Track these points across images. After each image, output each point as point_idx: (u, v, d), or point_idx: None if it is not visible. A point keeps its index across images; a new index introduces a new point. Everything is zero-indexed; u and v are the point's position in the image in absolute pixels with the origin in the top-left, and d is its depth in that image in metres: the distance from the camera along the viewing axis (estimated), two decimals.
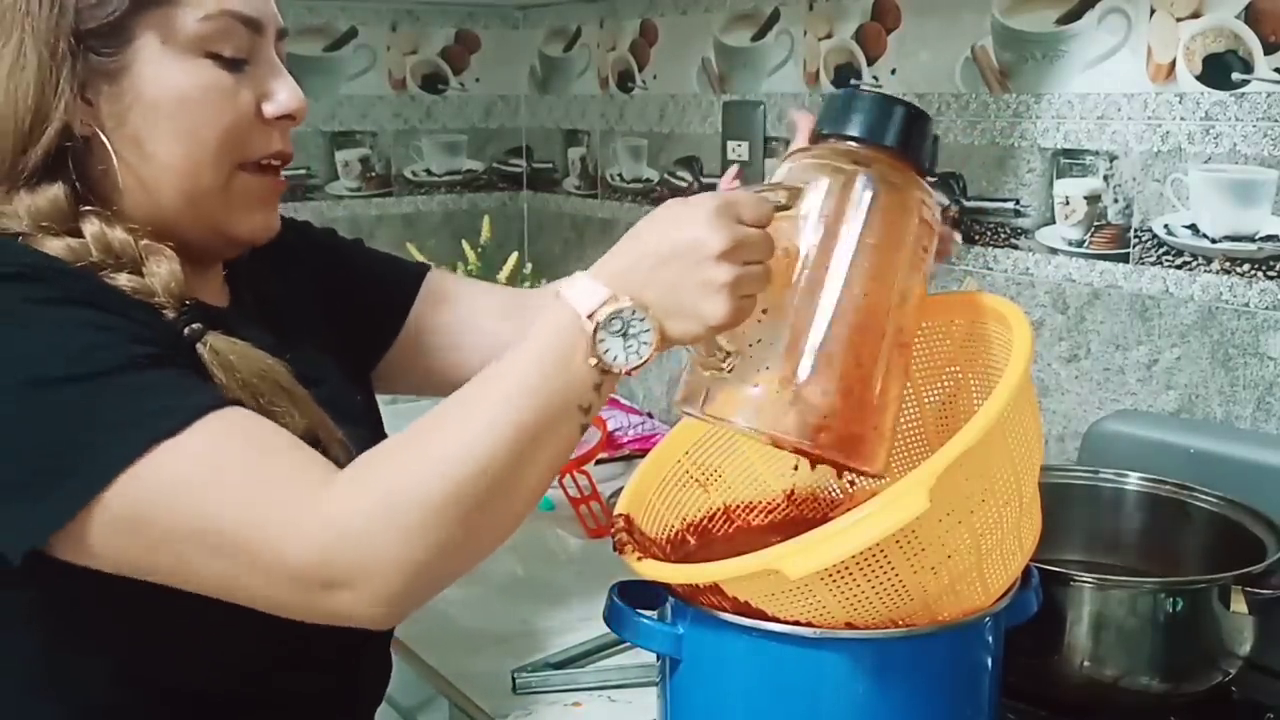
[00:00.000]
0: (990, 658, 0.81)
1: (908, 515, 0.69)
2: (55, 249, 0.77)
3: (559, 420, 0.72)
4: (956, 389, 0.92)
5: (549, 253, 2.28)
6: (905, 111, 0.80)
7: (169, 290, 0.79)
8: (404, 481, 0.69)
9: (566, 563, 1.41)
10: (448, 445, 0.70)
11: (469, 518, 0.70)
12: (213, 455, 0.70)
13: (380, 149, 2.17)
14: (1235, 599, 0.94)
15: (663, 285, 0.71)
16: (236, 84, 0.82)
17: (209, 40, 0.80)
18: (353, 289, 1.06)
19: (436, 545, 0.69)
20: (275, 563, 0.69)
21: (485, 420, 0.70)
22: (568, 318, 0.72)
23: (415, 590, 0.71)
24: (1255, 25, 1.19)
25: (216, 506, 0.70)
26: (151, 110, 0.80)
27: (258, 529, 0.69)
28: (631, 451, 1.75)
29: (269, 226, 0.88)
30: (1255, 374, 1.23)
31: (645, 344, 0.71)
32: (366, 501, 0.69)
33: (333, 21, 2.08)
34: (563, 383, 0.71)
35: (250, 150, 0.84)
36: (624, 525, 0.87)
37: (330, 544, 0.69)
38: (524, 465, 0.71)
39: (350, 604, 0.70)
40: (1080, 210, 1.37)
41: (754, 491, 0.98)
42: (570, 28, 2.15)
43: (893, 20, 1.55)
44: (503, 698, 1.07)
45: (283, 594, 0.71)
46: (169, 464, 0.69)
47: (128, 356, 0.71)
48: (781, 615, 0.75)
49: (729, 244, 0.71)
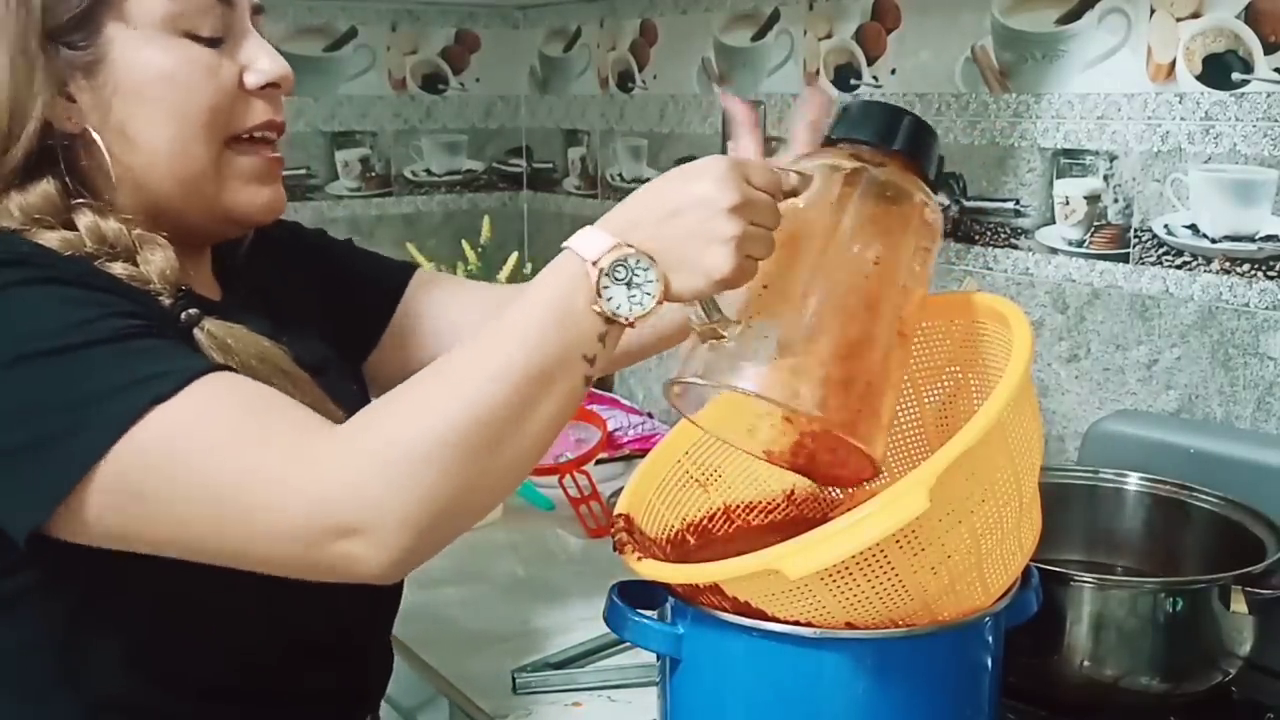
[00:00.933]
0: (990, 658, 0.81)
1: (908, 515, 0.69)
2: (50, 241, 0.77)
3: (563, 368, 0.71)
4: (956, 389, 0.92)
5: (549, 253, 2.25)
6: (912, 120, 0.82)
7: (164, 278, 0.79)
8: (406, 427, 0.69)
9: (566, 563, 1.41)
10: (450, 392, 0.69)
11: (473, 464, 0.69)
12: (208, 414, 0.70)
13: (380, 149, 2.17)
14: (1235, 599, 0.94)
15: (669, 237, 0.72)
16: (215, 57, 0.82)
17: (181, 19, 0.80)
18: (342, 286, 1.06)
19: (440, 490, 0.68)
20: (276, 515, 0.68)
21: (488, 367, 0.70)
22: (572, 264, 0.72)
23: (423, 536, 0.69)
24: (1255, 25, 1.19)
25: (215, 463, 0.69)
26: (133, 96, 0.80)
27: (255, 481, 0.68)
28: (631, 451, 1.75)
29: (272, 202, 0.87)
30: (1255, 374, 1.23)
31: (649, 294, 0.71)
32: (368, 447, 0.68)
33: (333, 21, 2.08)
34: (566, 330, 0.71)
35: (237, 123, 0.84)
36: (624, 525, 0.87)
37: (331, 491, 0.68)
38: (528, 412, 0.70)
39: (358, 553, 0.68)
40: (1080, 210, 1.37)
41: (754, 491, 0.98)
42: (570, 28, 2.15)
43: (893, 20, 1.55)
44: (503, 698, 1.07)
45: (286, 548, 0.69)
46: (164, 425, 0.69)
47: (118, 327, 0.72)
48: (781, 615, 0.75)
49: (737, 200, 0.71)
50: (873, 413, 0.77)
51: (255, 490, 0.68)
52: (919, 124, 0.83)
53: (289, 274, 1.00)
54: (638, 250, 0.71)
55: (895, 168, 0.81)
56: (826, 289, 0.76)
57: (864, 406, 0.76)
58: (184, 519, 0.70)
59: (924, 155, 0.83)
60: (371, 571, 0.69)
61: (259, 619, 0.83)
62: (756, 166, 0.74)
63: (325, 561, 0.69)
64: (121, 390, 0.69)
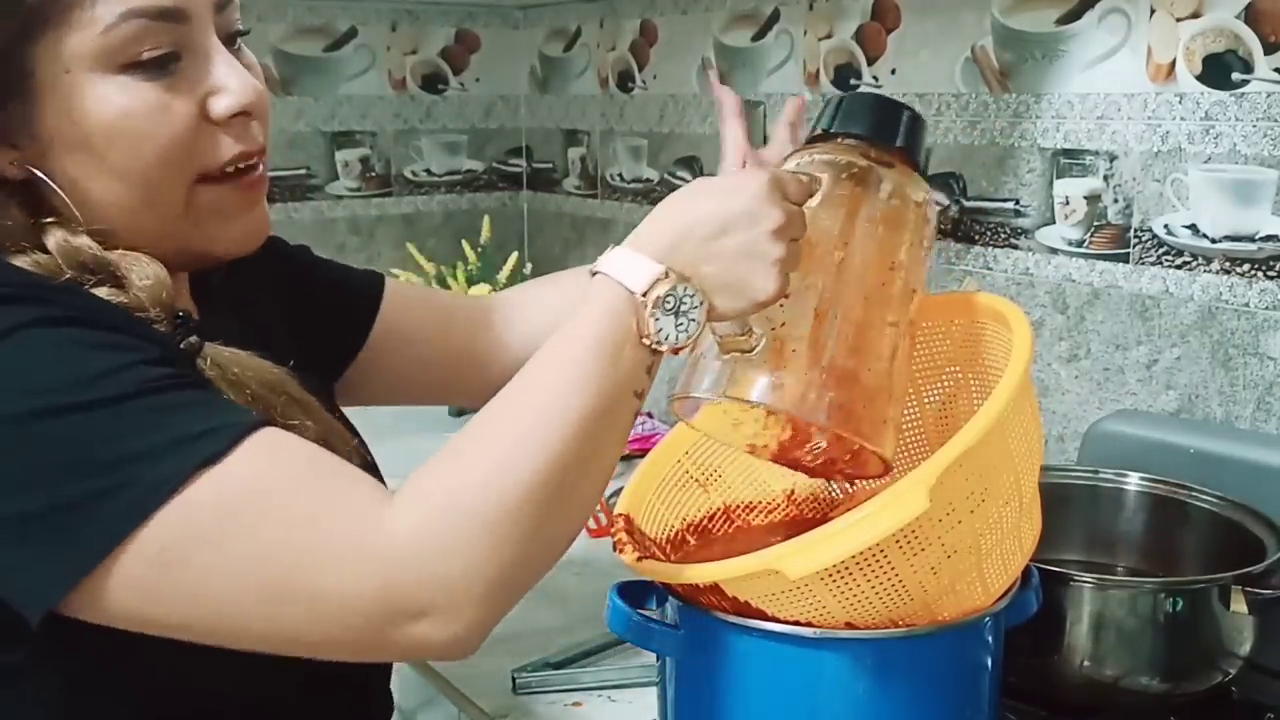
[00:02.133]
0: (990, 658, 0.81)
1: (908, 515, 0.69)
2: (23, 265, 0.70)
3: (616, 408, 0.68)
4: (956, 389, 0.92)
5: (549, 253, 2.28)
6: (909, 114, 0.82)
7: (157, 300, 0.72)
8: (468, 491, 0.64)
9: (566, 563, 1.40)
10: (508, 448, 0.65)
11: (538, 520, 0.65)
12: (264, 478, 0.63)
13: (380, 149, 2.17)
14: (1235, 599, 0.94)
15: (717, 259, 0.69)
16: (167, 92, 0.71)
17: (118, 52, 0.69)
18: (314, 301, 1.00)
19: (509, 554, 0.64)
20: (340, 600, 0.62)
21: (545, 418, 0.66)
22: (620, 299, 0.68)
23: (494, 606, 0.65)
24: (1255, 25, 1.19)
25: (269, 538, 0.62)
26: (78, 148, 0.70)
27: (320, 558, 0.62)
28: (631, 451, 1.75)
29: (252, 232, 0.79)
30: (1255, 374, 1.23)
31: (695, 321, 0.69)
32: (431, 518, 0.63)
33: (333, 21, 2.08)
34: (618, 369, 0.68)
35: (203, 161, 0.74)
36: (624, 525, 0.87)
37: (399, 570, 0.62)
38: (588, 459, 0.67)
39: (428, 632, 0.63)
40: (1080, 210, 1.37)
41: (754, 491, 0.98)
42: (570, 28, 2.15)
43: (893, 20, 1.55)
44: (503, 698, 1.07)
45: (350, 634, 0.64)
46: (216, 490, 0.62)
47: (151, 377, 0.65)
48: (781, 615, 0.75)
49: (783, 220, 0.70)
50: (885, 416, 0.77)
51: (318, 566, 0.62)
52: (915, 118, 0.82)
53: (260, 289, 0.94)
54: (684, 277, 0.68)
55: (898, 165, 0.81)
56: (844, 297, 0.76)
57: (882, 414, 0.77)
58: (231, 598, 0.63)
59: (919, 149, 0.83)
60: (443, 649, 0.65)
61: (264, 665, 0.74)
62: (789, 178, 0.73)
63: (393, 643, 0.64)
64: (167, 449, 0.62)
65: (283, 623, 0.64)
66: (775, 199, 0.70)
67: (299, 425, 0.73)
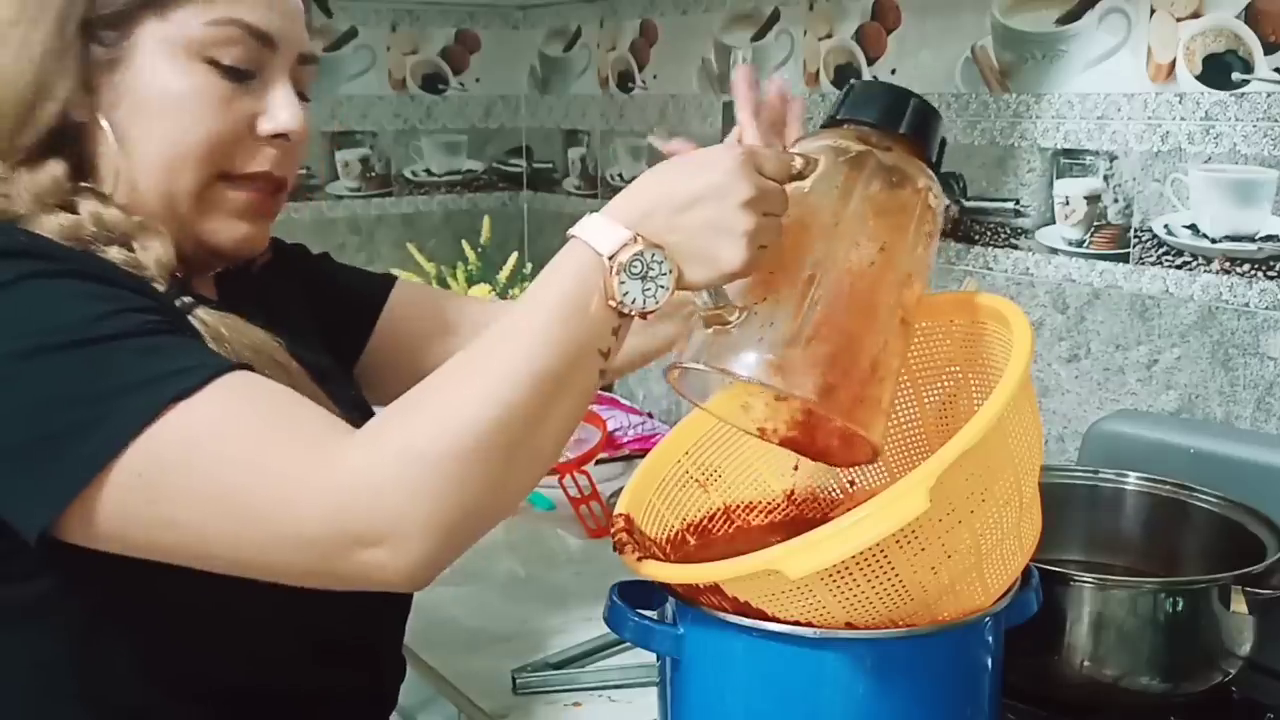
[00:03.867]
0: (990, 658, 0.81)
1: (908, 515, 0.69)
2: (50, 225, 0.76)
3: (578, 365, 0.70)
4: (956, 389, 0.92)
5: (549, 253, 2.25)
6: (918, 103, 0.82)
7: (160, 264, 0.78)
8: (425, 432, 0.67)
9: (566, 563, 1.41)
10: (468, 394, 0.68)
11: (494, 466, 0.68)
12: (230, 413, 0.69)
13: (380, 149, 2.17)
14: (1235, 599, 0.94)
15: (685, 229, 0.71)
16: (233, 94, 0.81)
17: (210, 46, 0.80)
18: (328, 298, 1.06)
19: (462, 494, 0.67)
20: (294, 521, 0.67)
21: (504, 368, 0.68)
22: (587, 259, 0.71)
23: (442, 544, 0.68)
24: (1255, 25, 1.19)
25: (234, 464, 0.67)
26: (140, 107, 0.80)
27: (274, 486, 0.67)
28: (631, 451, 1.75)
29: (250, 240, 0.86)
30: (1255, 374, 1.23)
31: (663, 287, 0.71)
32: (387, 453, 0.67)
33: (333, 21, 2.08)
34: (581, 327, 0.70)
35: (234, 163, 0.83)
36: (624, 525, 0.87)
37: (352, 499, 0.66)
38: (545, 412, 0.69)
39: (380, 561, 0.67)
40: (1080, 210, 1.37)
41: (754, 491, 0.98)
42: (570, 28, 2.15)
43: (893, 20, 1.55)
44: (503, 698, 1.07)
45: (305, 556, 0.68)
46: (185, 422, 0.67)
47: (139, 322, 0.71)
48: (781, 615, 0.75)
49: (752, 193, 0.71)
50: (873, 399, 0.77)
51: (274, 495, 0.67)
52: (924, 106, 0.82)
53: (285, 286, 1.00)
54: (655, 245, 0.70)
55: (900, 151, 0.81)
56: (830, 276, 0.76)
57: (865, 393, 0.76)
58: (199, 523, 0.68)
59: (928, 138, 0.83)
60: (394, 579, 0.68)
61: (278, 623, 0.82)
62: (767, 154, 0.74)
63: (346, 570, 0.68)
64: (144, 385, 0.68)
65: (244, 548, 0.68)
66: (747, 173, 0.72)
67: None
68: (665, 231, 0.71)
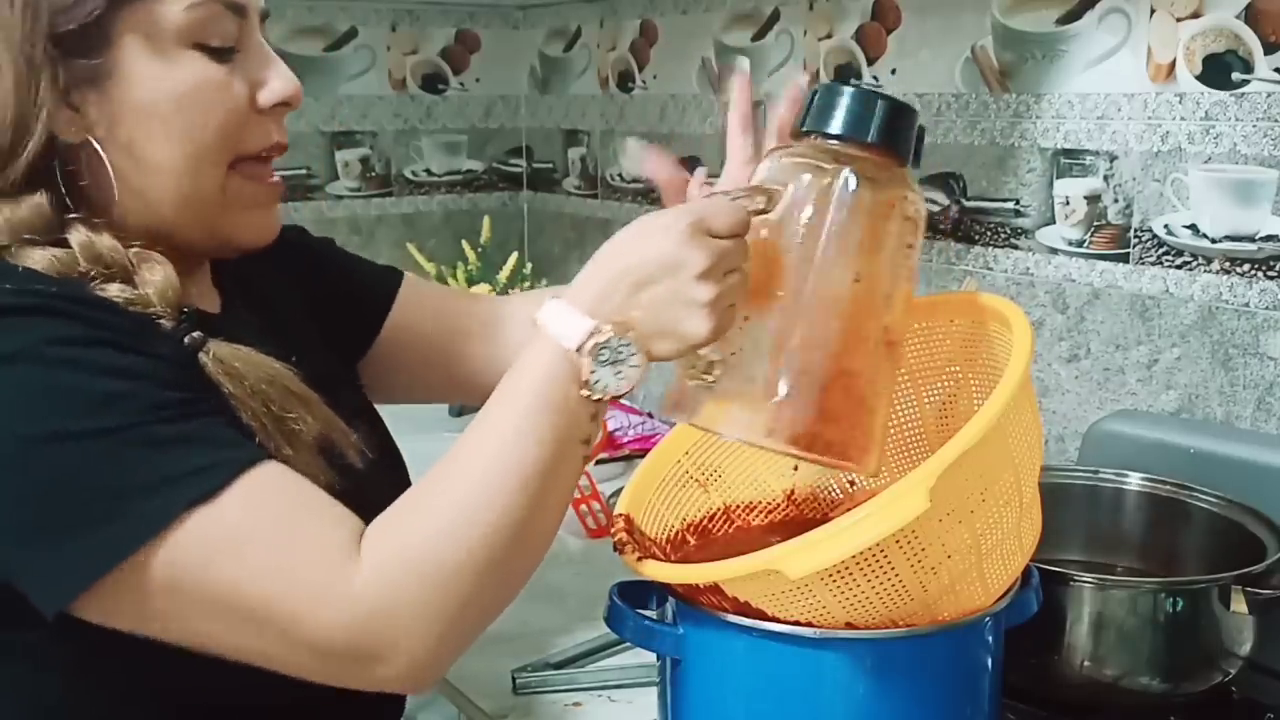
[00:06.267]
0: (990, 658, 0.81)
1: (908, 515, 0.69)
2: (38, 260, 0.73)
3: (562, 458, 0.72)
4: (956, 389, 0.92)
5: (549, 253, 2.28)
6: (886, 105, 0.76)
7: (165, 299, 0.76)
8: (416, 549, 0.69)
9: (566, 563, 1.41)
10: (456, 508, 0.70)
11: (488, 575, 0.70)
12: (248, 520, 0.69)
13: (380, 149, 2.17)
14: (1235, 599, 0.94)
15: (644, 305, 0.71)
16: (228, 75, 0.78)
17: (195, 31, 0.76)
18: (334, 289, 1.04)
19: (460, 608, 0.70)
20: (304, 638, 0.69)
21: (490, 476, 0.70)
22: (554, 355, 0.71)
23: (445, 654, 0.71)
24: (1255, 25, 1.19)
25: (250, 575, 0.68)
26: (145, 113, 0.76)
27: (288, 603, 0.68)
28: (631, 451, 1.75)
29: (269, 229, 0.86)
30: (1255, 374, 1.23)
31: (634, 367, 0.71)
32: (385, 573, 0.69)
33: (333, 21, 2.08)
34: (560, 421, 0.71)
35: (248, 144, 0.80)
36: (624, 525, 0.87)
37: (357, 621, 0.69)
38: (535, 510, 0.71)
39: (384, 676, 0.70)
40: (1080, 210, 1.37)
41: (754, 491, 0.98)
42: (570, 28, 2.15)
43: (893, 20, 1.55)
44: (503, 698, 1.07)
45: (315, 667, 0.71)
46: (204, 528, 0.67)
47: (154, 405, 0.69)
48: (781, 615, 0.75)
49: (706, 262, 0.70)
50: (864, 433, 0.77)
51: (284, 610, 0.68)
52: (893, 105, 0.76)
53: (282, 277, 0.98)
54: (618, 329, 0.70)
55: (873, 160, 0.76)
56: (806, 319, 0.74)
57: (853, 433, 0.76)
58: (209, 625, 0.70)
59: (901, 141, 0.76)
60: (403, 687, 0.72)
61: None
62: (720, 212, 0.72)
63: (354, 679, 0.71)
64: (163, 485, 0.67)
65: (257, 652, 0.70)
66: (698, 241, 0.70)
67: (295, 419, 0.78)
68: (626, 310, 0.71)
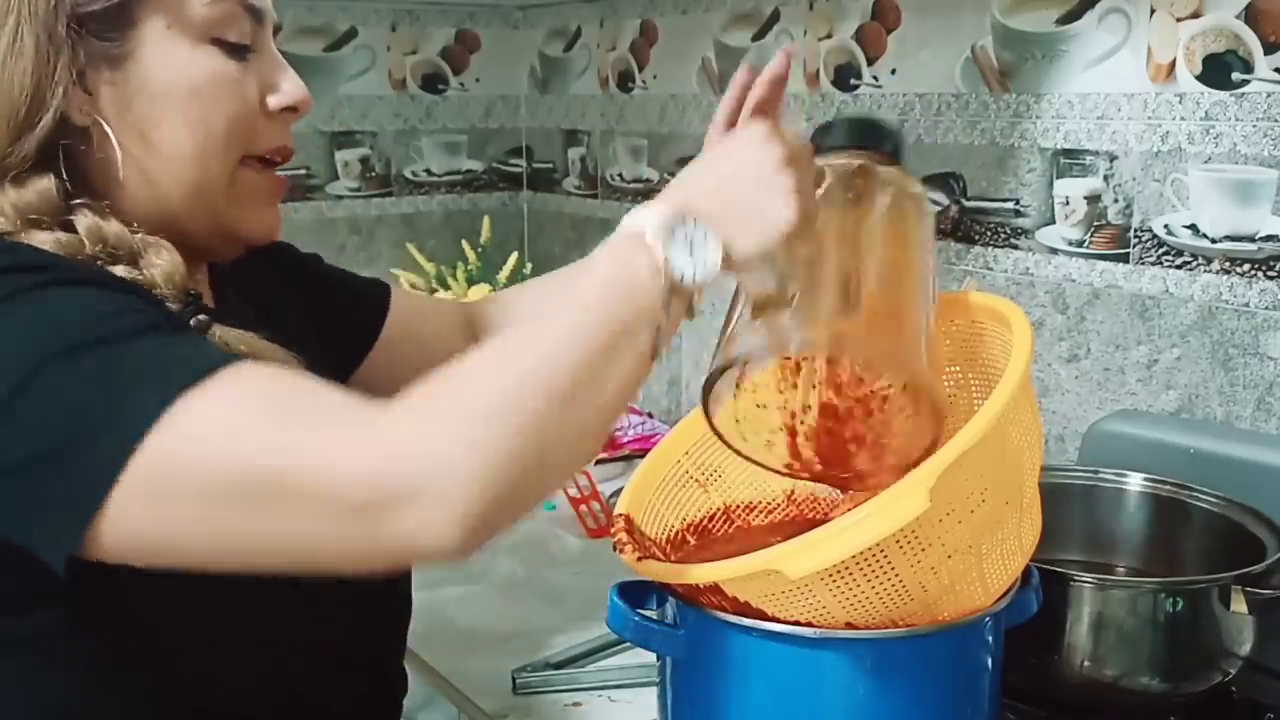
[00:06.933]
0: (990, 658, 0.81)
1: (908, 515, 0.69)
2: (44, 243, 0.73)
3: (629, 334, 0.68)
4: (956, 389, 0.92)
5: (549, 253, 2.28)
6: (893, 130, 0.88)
7: (170, 281, 0.76)
8: (472, 385, 0.64)
9: (566, 563, 1.41)
10: (518, 354, 0.66)
11: (539, 433, 0.63)
12: (245, 399, 0.64)
13: (380, 149, 2.17)
14: (1235, 599, 0.94)
15: (727, 200, 0.72)
16: (242, 73, 0.80)
17: (215, 25, 0.78)
18: (326, 305, 1.03)
19: (505, 457, 0.62)
20: (324, 491, 0.61)
21: (555, 332, 0.67)
22: (634, 240, 0.70)
23: (495, 503, 0.62)
24: (1255, 25, 1.19)
25: (253, 448, 0.63)
26: (159, 99, 0.77)
27: (302, 459, 0.62)
28: (631, 451, 1.75)
29: (273, 226, 0.86)
30: (1255, 374, 1.23)
31: (711, 253, 0.71)
32: (430, 407, 0.63)
33: (333, 21, 2.08)
34: (632, 297, 0.69)
35: (256, 143, 0.82)
36: (624, 525, 0.87)
37: (389, 452, 0.61)
38: (597, 377, 0.67)
39: (423, 522, 0.61)
40: (1080, 210, 1.37)
41: (754, 491, 0.98)
42: (570, 28, 2.15)
43: (893, 20, 1.55)
44: (503, 698, 1.07)
45: (340, 528, 0.62)
46: (198, 413, 0.63)
47: (143, 322, 0.68)
48: (781, 615, 0.75)
49: (786, 152, 0.73)
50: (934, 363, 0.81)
51: (302, 467, 0.62)
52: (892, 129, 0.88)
53: (277, 286, 0.98)
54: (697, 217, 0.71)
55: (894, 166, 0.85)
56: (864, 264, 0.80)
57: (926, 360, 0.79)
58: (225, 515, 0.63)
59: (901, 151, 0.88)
60: (439, 544, 0.62)
61: (287, 639, 0.80)
62: (788, 129, 0.76)
63: (386, 539, 0.62)
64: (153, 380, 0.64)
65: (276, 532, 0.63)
66: (774, 137, 0.74)
67: None
68: (709, 206, 0.72)
